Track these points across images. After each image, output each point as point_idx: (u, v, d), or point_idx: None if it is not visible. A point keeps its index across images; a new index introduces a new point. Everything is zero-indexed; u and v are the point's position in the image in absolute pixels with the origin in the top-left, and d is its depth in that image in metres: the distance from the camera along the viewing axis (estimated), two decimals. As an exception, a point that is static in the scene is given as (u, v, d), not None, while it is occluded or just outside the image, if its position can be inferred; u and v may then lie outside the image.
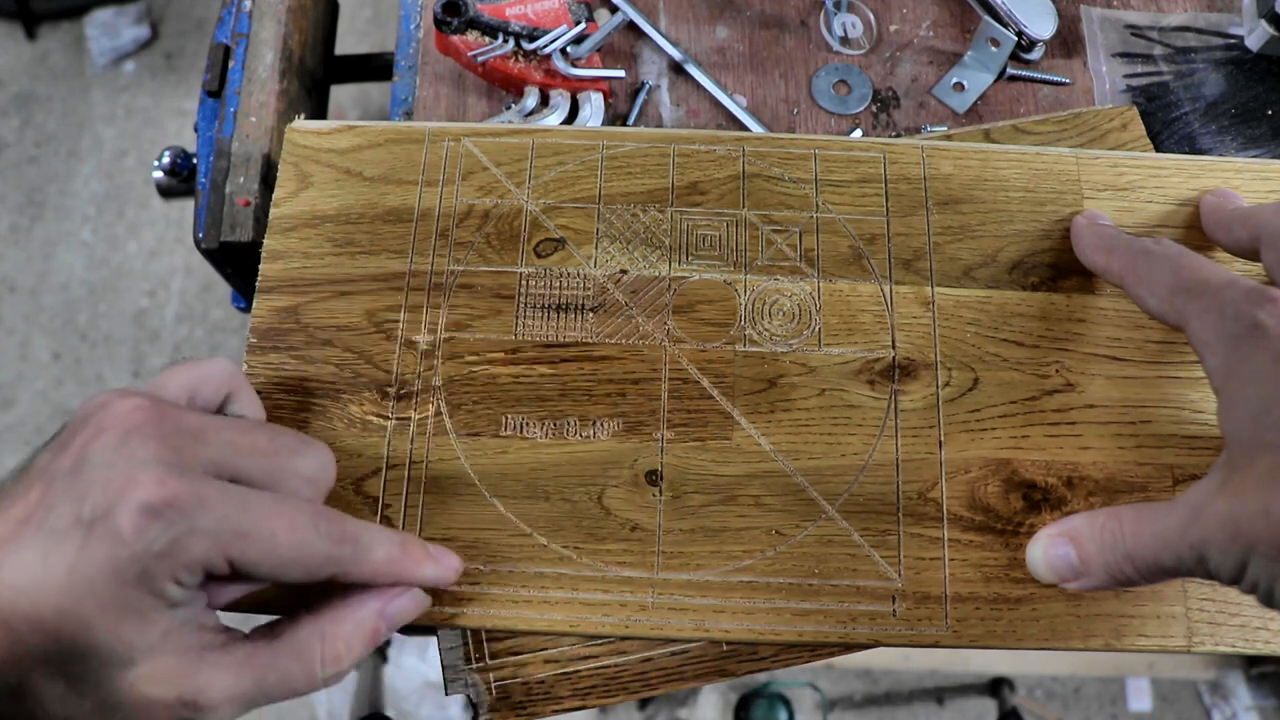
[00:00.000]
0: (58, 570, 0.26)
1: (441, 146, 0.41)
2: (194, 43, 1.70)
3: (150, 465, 0.28)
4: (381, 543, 0.31)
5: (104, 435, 0.28)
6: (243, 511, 0.28)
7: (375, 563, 0.31)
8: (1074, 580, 0.33)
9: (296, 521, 0.29)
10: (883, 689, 1.34)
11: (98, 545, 0.26)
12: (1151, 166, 0.41)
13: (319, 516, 0.30)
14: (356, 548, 0.30)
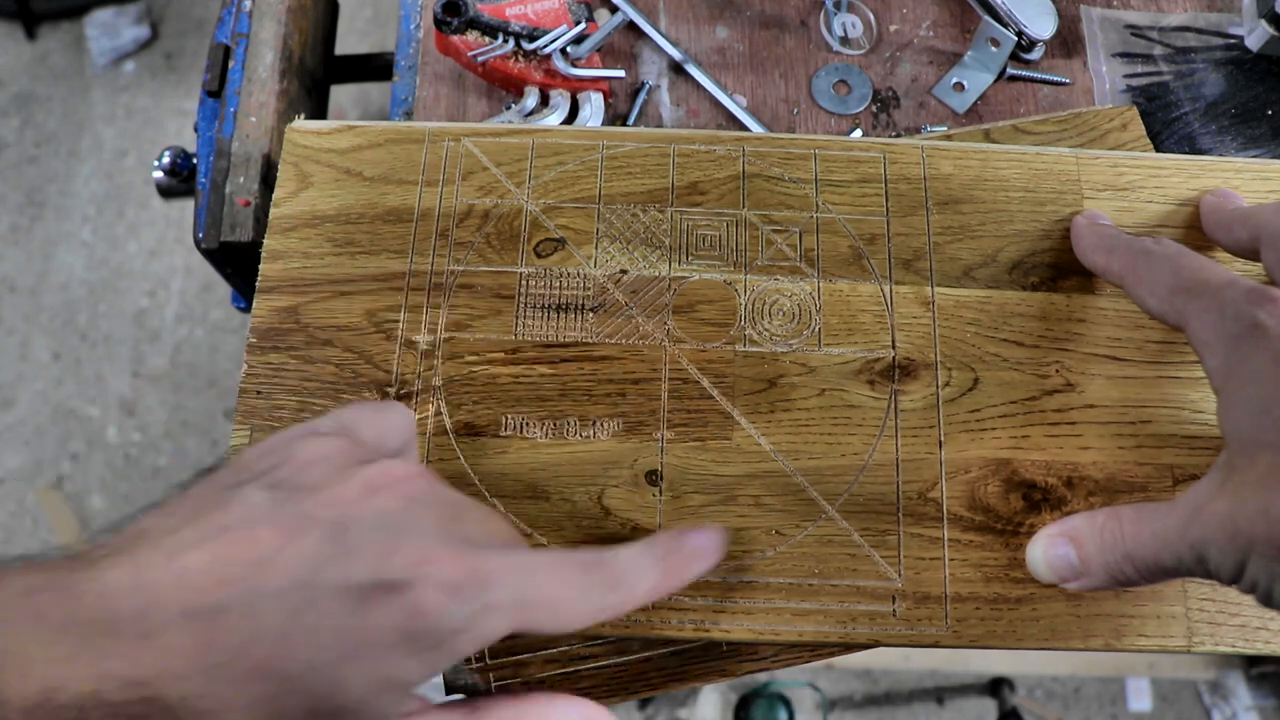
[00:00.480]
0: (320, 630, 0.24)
1: (441, 146, 0.41)
2: (194, 43, 1.70)
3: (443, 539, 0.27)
4: (644, 575, 0.30)
5: (381, 496, 0.27)
6: (527, 580, 0.27)
7: (642, 597, 0.30)
8: (1074, 580, 0.33)
9: (571, 579, 0.28)
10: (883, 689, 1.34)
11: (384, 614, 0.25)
12: (1151, 166, 0.41)
13: (586, 568, 0.29)
14: (626, 589, 0.29)
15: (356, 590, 0.25)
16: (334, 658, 0.24)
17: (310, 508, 0.26)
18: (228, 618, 0.23)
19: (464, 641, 0.26)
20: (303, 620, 0.24)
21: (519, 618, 0.26)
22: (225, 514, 0.25)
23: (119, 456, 1.43)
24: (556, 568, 0.28)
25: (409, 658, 0.25)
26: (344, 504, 0.26)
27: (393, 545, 0.26)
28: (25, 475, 1.42)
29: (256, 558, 0.24)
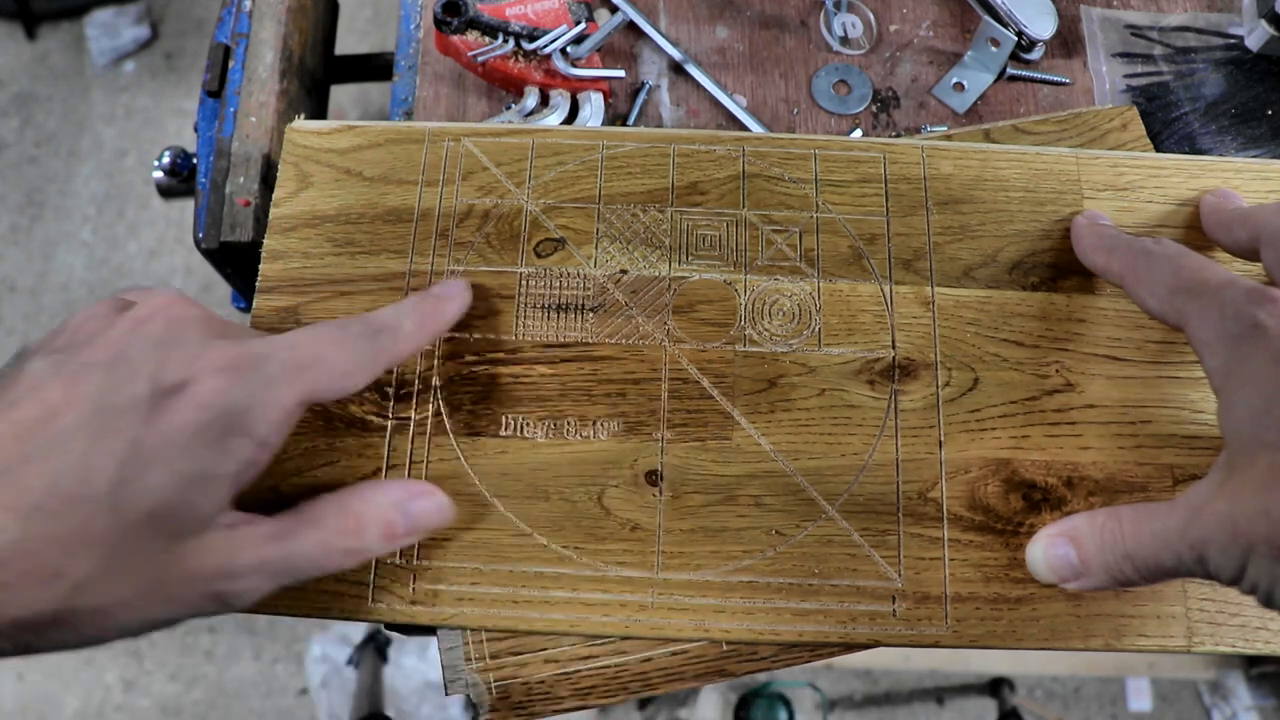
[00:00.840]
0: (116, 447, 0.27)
1: (441, 146, 0.41)
2: (194, 43, 1.70)
3: (209, 340, 0.30)
4: (407, 314, 0.34)
5: (147, 325, 0.30)
6: (294, 349, 0.30)
7: (410, 336, 0.34)
8: (1074, 580, 0.33)
9: (334, 336, 0.31)
10: (883, 689, 1.34)
11: (171, 415, 0.27)
12: (1151, 166, 0.41)
13: (345, 324, 0.32)
14: (389, 333, 0.33)
15: (142, 402, 0.27)
16: (136, 468, 0.27)
17: (86, 356, 0.29)
18: (30, 465, 0.26)
19: (256, 420, 0.29)
20: (100, 444, 0.27)
21: (299, 382, 0.30)
22: (13, 389, 0.28)
23: (119, 456, 1.43)
24: (318, 332, 0.31)
25: (208, 449, 0.28)
26: (115, 343, 0.29)
27: (164, 356, 0.29)
28: (25, 475, 1.41)
29: (47, 411, 0.27)
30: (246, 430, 0.28)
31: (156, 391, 0.28)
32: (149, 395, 0.28)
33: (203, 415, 0.28)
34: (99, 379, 0.28)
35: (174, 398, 0.28)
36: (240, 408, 0.28)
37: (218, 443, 0.28)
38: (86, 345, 0.29)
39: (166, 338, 0.29)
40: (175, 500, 0.27)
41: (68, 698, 1.34)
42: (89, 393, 0.27)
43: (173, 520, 0.28)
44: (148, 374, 0.28)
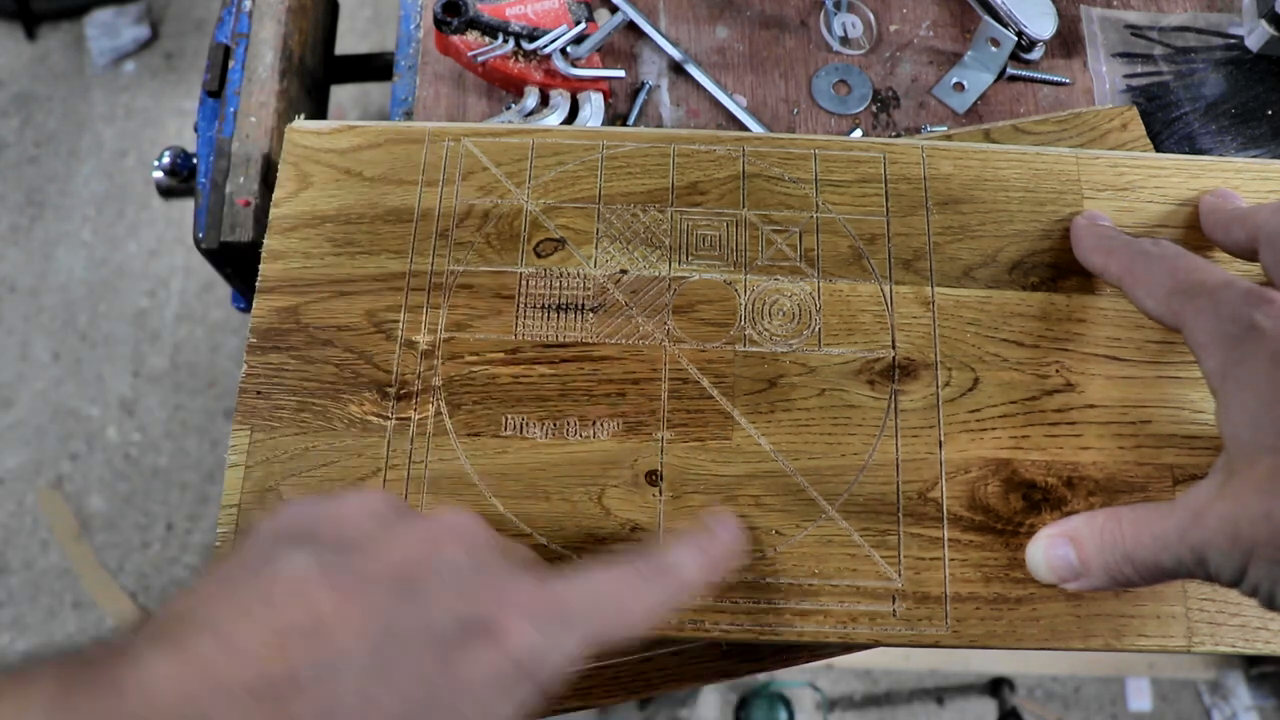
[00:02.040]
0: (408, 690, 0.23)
1: (441, 146, 0.41)
2: (194, 43, 1.70)
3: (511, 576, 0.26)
4: (691, 564, 0.30)
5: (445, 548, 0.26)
6: (595, 595, 0.27)
7: (692, 581, 0.30)
8: (1074, 580, 0.33)
9: (631, 583, 0.28)
10: (883, 689, 1.34)
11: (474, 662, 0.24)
12: (1151, 167, 0.41)
13: (640, 570, 0.29)
14: (678, 582, 0.30)
15: (439, 639, 0.24)
16: (428, 713, 0.23)
17: (365, 566, 0.25)
18: (301, 691, 0.21)
19: (550, 669, 0.25)
20: (388, 679, 0.23)
21: (595, 632, 0.27)
22: (271, 583, 0.23)
23: (119, 456, 1.43)
24: (615, 577, 0.28)
25: (503, 696, 0.24)
26: (403, 558, 0.25)
27: (466, 589, 0.25)
28: (25, 475, 1.42)
29: (318, 624, 0.23)
30: (537, 680, 0.25)
31: (458, 629, 0.24)
32: (448, 632, 0.24)
33: (506, 664, 0.24)
34: (384, 600, 0.24)
35: (478, 640, 0.24)
36: (541, 659, 0.25)
37: (511, 691, 0.25)
38: (364, 552, 0.25)
39: (467, 567, 0.26)
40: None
41: (68, 698, 1.34)
42: (373, 614, 0.23)
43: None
44: (447, 606, 0.24)
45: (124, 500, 1.42)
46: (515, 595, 0.26)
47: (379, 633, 0.23)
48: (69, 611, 1.38)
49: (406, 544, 0.26)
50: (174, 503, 1.42)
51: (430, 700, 0.23)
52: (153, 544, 1.41)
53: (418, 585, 0.24)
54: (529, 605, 0.25)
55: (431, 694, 0.23)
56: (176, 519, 1.41)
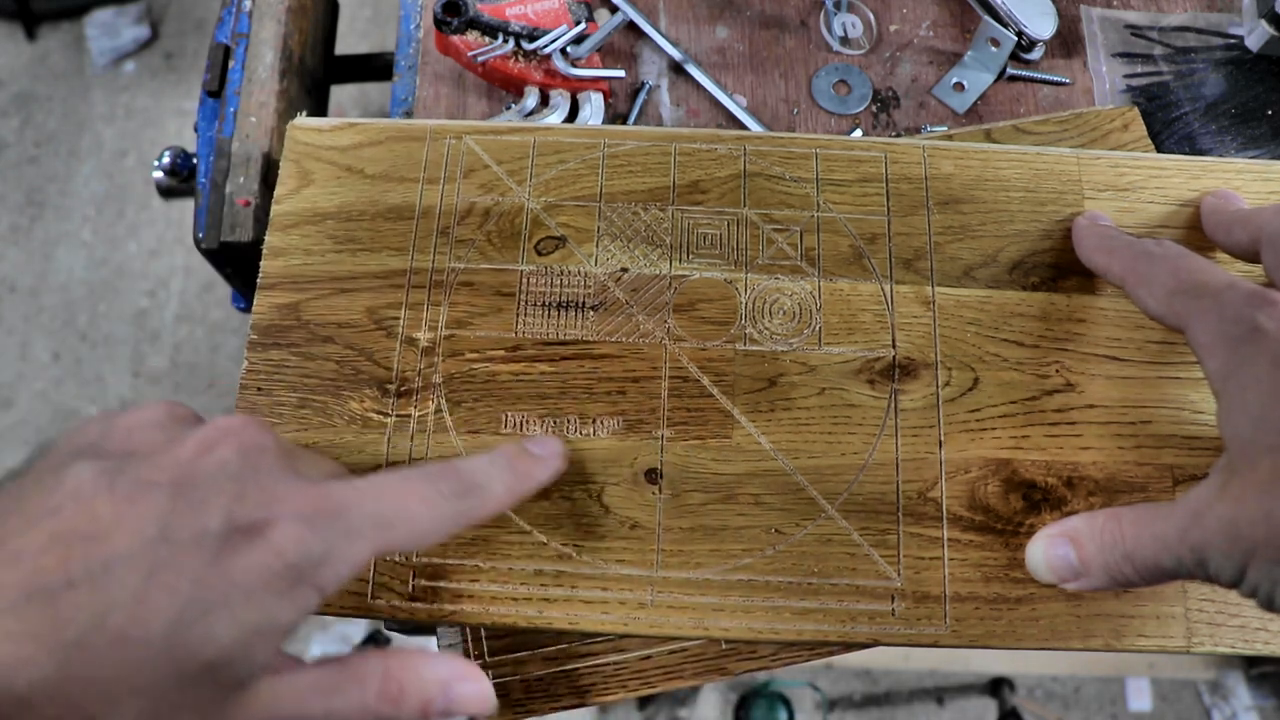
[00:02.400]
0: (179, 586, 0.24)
1: (443, 144, 0.41)
2: (194, 43, 1.70)
3: (288, 478, 0.27)
4: (498, 476, 0.31)
5: (218, 449, 0.27)
6: (378, 499, 0.28)
7: (499, 499, 0.31)
8: (1073, 580, 0.33)
9: (424, 493, 0.29)
10: (883, 689, 1.34)
11: (244, 559, 0.25)
12: (1152, 167, 0.41)
13: (433, 478, 0.30)
14: (480, 493, 0.31)
15: (212, 539, 0.24)
16: (198, 611, 0.24)
17: (145, 472, 0.26)
18: (75, 592, 0.23)
19: (328, 574, 0.26)
20: (159, 579, 0.23)
21: (378, 539, 0.27)
22: (54, 494, 0.24)
23: (118, 456, 1.43)
24: (405, 483, 0.29)
25: (276, 599, 0.25)
26: (181, 462, 0.26)
27: (239, 490, 0.26)
28: (25, 475, 1.41)
29: (97, 529, 0.24)
30: (316, 583, 0.26)
31: (229, 529, 0.25)
32: (220, 533, 0.25)
33: (276, 563, 0.25)
34: (160, 503, 0.25)
35: (248, 540, 0.25)
36: (315, 559, 0.26)
37: (286, 593, 0.25)
38: (144, 460, 0.26)
39: (242, 470, 0.27)
40: (236, 652, 0.24)
41: (67, 697, 1.34)
42: (148, 517, 0.24)
43: (228, 672, 0.25)
44: (220, 508, 0.25)
45: (123, 500, 1.41)
46: (289, 497, 0.26)
47: (153, 535, 0.24)
48: (68, 611, 1.38)
49: (185, 449, 0.26)
50: (173, 502, 1.41)
51: (201, 598, 0.24)
52: (152, 544, 1.40)
53: (194, 489, 0.25)
54: (302, 507, 0.26)
55: (202, 592, 0.24)
56: (176, 519, 1.41)
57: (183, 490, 0.25)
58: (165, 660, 0.23)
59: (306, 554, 0.25)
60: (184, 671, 0.24)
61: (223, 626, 0.24)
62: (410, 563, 0.35)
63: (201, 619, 0.24)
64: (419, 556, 0.35)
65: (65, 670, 0.22)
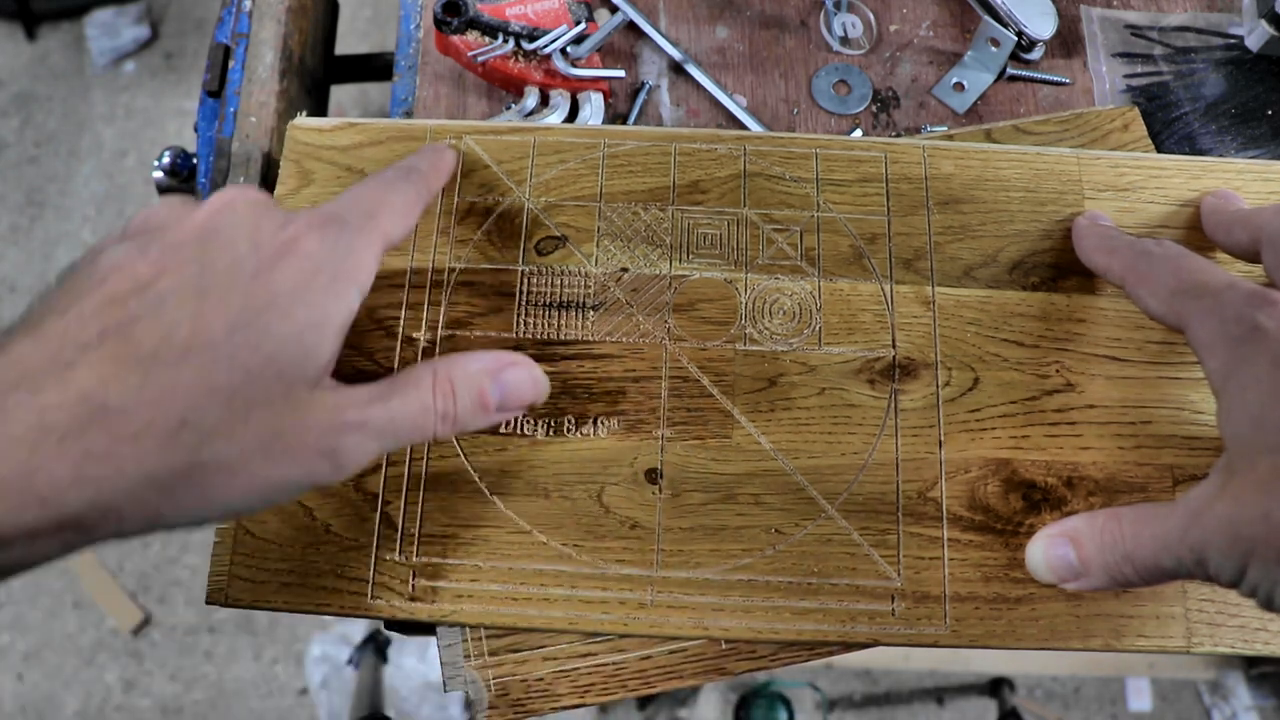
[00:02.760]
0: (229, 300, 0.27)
1: (443, 144, 0.41)
2: (194, 43, 1.70)
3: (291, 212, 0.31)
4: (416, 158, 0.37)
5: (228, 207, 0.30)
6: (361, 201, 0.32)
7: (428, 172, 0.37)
8: (1073, 580, 0.33)
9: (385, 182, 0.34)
10: (883, 689, 1.34)
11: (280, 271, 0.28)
12: (1152, 167, 0.41)
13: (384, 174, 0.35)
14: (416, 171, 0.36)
15: (246, 262, 0.28)
16: (251, 314, 0.27)
17: (171, 236, 0.29)
18: (140, 323, 0.26)
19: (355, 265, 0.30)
20: (209, 300, 0.27)
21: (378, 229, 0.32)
22: (96, 271, 0.27)
23: (119, 456, 1.43)
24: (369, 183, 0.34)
25: (318, 294, 0.29)
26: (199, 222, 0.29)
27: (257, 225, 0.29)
28: (25, 475, 1.41)
29: (142, 282, 0.27)
30: (352, 277, 0.30)
31: (259, 251, 0.28)
32: (251, 256, 0.28)
33: (308, 264, 0.29)
34: (192, 250, 0.28)
35: (278, 255, 0.28)
36: (341, 256, 0.30)
37: (329, 289, 0.29)
38: (167, 229, 0.29)
39: (254, 213, 0.30)
40: (294, 346, 0.28)
41: (68, 698, 1.34)
42: (186, 260, 0.28)
43: (292, 366, 0.28)
44: (245, 240, 0.29)
45: (123, 500, 1.41)
46: (297, 219, 0.30)
47: (195, 272, 0.27)
48: (69, 611, 1.38)
49: (200, 213, 0.30)
50: (173, 502, 1.41)
51: (251, 305, 0.27)
52: (153, 544, 1.41)
53: (218, 234, 0.29)
54: (310, 221, 0.30)
55: (250, 300, 0.27)
56: (176, 519, 1.41)
57: (208, 237, 0.29)
58: (231, 359, 0.26)
59: (331, 252, 0.29)
60: (250, 367, 0.27)
61: (278, 322, 0.27)
62: (410, 563, 0.35)
63: (256, 319, 0.27)
64: (419, 557, 0.35)
65: (147, 379, 0.25)
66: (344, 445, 0.29)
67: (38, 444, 0.24)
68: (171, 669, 1.36)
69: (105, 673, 1.36)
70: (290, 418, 0.28)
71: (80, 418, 0.25)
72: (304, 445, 0.28)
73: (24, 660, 1.35)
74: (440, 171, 0.38)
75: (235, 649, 1.37)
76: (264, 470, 0.27)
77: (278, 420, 0.27)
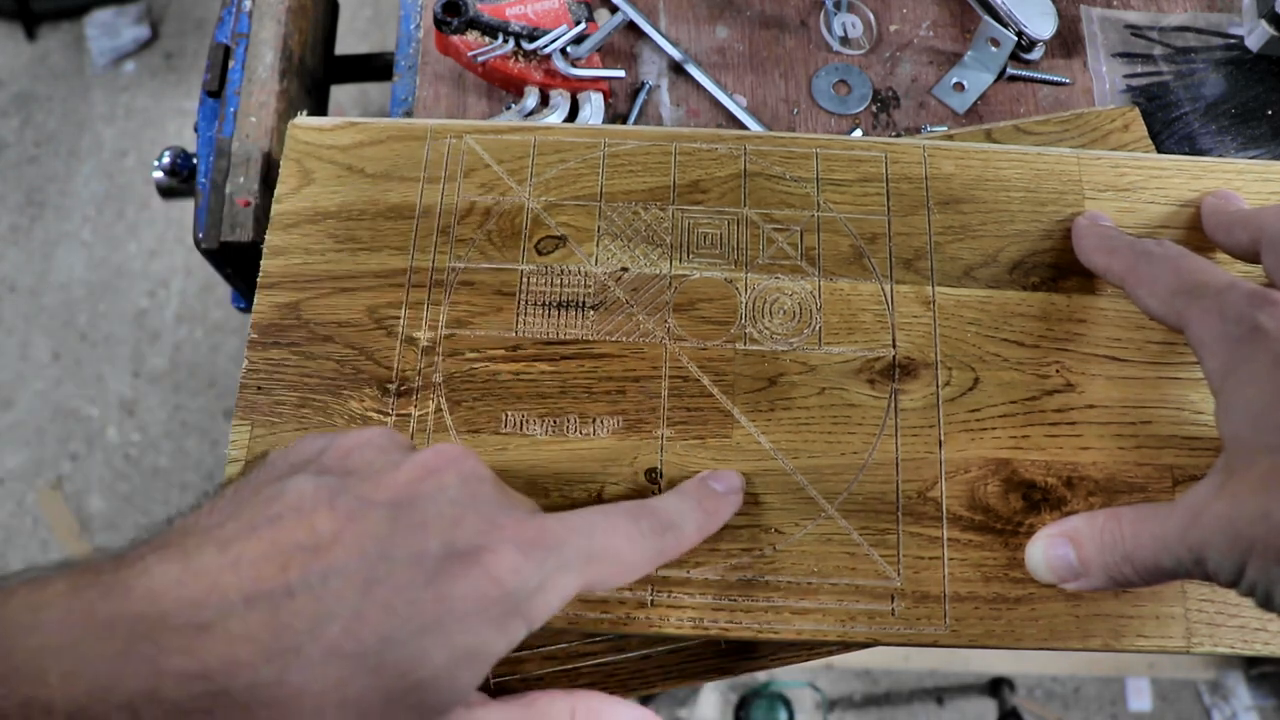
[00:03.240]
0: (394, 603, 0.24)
1: (443, 143, 0.41)
2: (194, 43, 1.70)
3: (505, 509, 0.27)
4: (689, 514, 0.32)
5: (438, 475, 0.27)
6: (588, 535, 0.28)
7: (690, 538, 0.32)
8: (1073, 581, 0.33)
9: (625, 529, 0.29)
10: (883, 689, 1.34)
11: (460, 583, 0.25)
12: (1153, 167, 0.41)
13: (636, 516, 0.30)
14: (675, 531, 0.31)
15: (430, 561, 0.24)
16: (413, 631, 0.24)
17: (366, 491, 0.26)
18: (294, 600, 0.23)
19: (539, 605, 0.26)
20: (376, 595, 0.23)
21: (587, 573, 0.28)
22: (275, 504, 0.25)
23: (119, 456, 1.43)
24: (611, 521, 0.29)
25: (488, 626, 0.25)
26: (401, 485, 0.26)
27: (458, 516, 0.26)
28: (25, 475, 1.42)
29: (317, 542, 0.24)
30: (528, 614, 0.26)
31: (448, 553, 0.25)
32: (439, 555, 0.25)
33: (493, 590, 0.25)
34: (380, 522, 0.25)
35: (465, 565, 0.25)
36: (530, 589, 0.26)
37: (499, 621, 0.25)
38: (364, 479, 0.26)
39: (461, 496, 0.27)
40: (444, 676, 0.24)
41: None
42: (369, 534, 0.24)
43: (434, 696, 0.24)
44: (440, 531, 0.25)
45: (124, 500, 1.41)
46: (506, 525, 0.26)
47: (373, 553, 0.24)
48: (68, 611, 1.38)
49: (405, 472, 0.27)
50: (174, 503, 1.42)
51: (415, 618, 0.24)
52: (152, 544, 1.40)
53: (413, 511, 0.25)
54: (519, 536, 0.26)
55: (416, 612, 0.24)
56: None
57: (402, 511, 0.25)
58: (375, 676, 0.23)
59: (522, 583, 0.25)
60: (391, 690, 0.23)
61: (435, 648, 0.24)
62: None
63: (415, 639, 0.24)
64: None
65: (280, 676, 0.22)
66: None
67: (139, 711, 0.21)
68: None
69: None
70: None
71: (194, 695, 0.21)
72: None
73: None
74: (704, 535, 0.33)
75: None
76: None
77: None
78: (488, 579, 0.25)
